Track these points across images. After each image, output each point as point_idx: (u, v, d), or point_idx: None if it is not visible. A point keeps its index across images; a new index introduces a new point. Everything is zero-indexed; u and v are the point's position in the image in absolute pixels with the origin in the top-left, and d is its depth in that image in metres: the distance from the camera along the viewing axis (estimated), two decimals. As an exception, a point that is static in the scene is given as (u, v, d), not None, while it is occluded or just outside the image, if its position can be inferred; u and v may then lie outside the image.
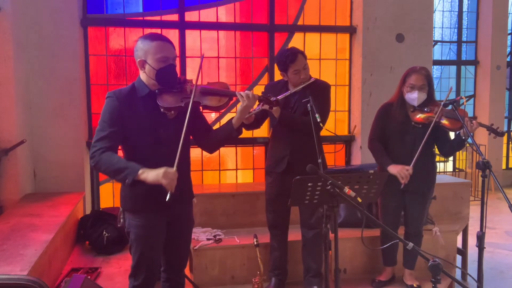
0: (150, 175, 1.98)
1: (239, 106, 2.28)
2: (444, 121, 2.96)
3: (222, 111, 2.38)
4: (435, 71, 7.88)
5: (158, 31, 4.37)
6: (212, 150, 2.48)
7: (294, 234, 3.23)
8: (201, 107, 2.27)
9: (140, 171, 1.99)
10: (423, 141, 2.93)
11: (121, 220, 2.29)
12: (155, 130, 2.17)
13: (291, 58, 2.90)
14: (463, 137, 2.92)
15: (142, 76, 2.22)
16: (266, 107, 2.60)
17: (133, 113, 2.15)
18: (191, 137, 2.35)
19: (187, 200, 2.38)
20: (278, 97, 2.65)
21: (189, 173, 2.40)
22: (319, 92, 2.98)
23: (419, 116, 3.02)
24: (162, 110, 2.16)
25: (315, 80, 3.00)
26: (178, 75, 2.22)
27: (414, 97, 2.99)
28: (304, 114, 2.88)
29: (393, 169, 3.01)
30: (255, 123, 3.07)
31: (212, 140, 2.36)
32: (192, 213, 2.45)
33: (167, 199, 1.96)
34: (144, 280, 2.24)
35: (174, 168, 2.01)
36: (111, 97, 2.15)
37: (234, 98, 2.30)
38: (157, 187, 2.05)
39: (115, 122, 2.11)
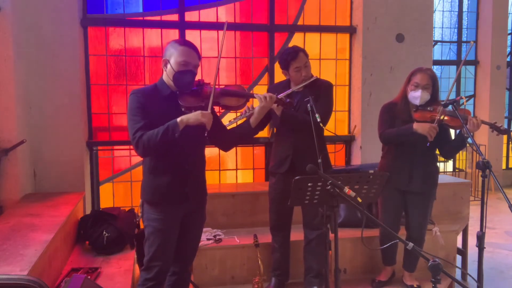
0: (190, 117, 2.17)
1: (256, 106, 2.47)
2: (446, 118, 2.96)
3: (240, 111, 2.61)
4: (435, 71, 7.88)
5: (158, 31, 4.37)
6: (228, 148, 2.63)
7: (295, 234, 3.23)
8: (220, 107, 2.43)
9: (178, 120, 2.16)
10: (428, 143, 2.92)
11: (139, 215, 2.41)
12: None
13: (292, 55, 2.92)
14: (465, 135, 2.90)
15: (164, 76, 2.35)
16: (279, 109, 2.80)
17: (155, 111, 2.26)
18: (206, 137, 2.45)
19: (202, 197, 2.50)
20: (279, 95, 2.69)
21: (205, 172, 2.55)
22: (321, 91, 2.99)
23: (422, 115, 3.01)
24: (183, 109, 2.28)
25: (316, 79, 3.00)
26: (196, 82, 2.36)
27: (417, 95, 2.99)
28: (306, 113, 2.88)
29: (421, 128, 2.89)
30: (260, 125, 3.10)
31: (228, 138, 2.49)
32: (205, 209, 2.52)
33: (206, 134, 2.20)
34: (157, 273, 2.31)
35: (209, 110, 2.20)
36: (136, 93, 2.28)
37: (251, 99, 2.47)
38: (176, 180, 2.27)
39: (145, 115, 2.23)
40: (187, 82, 2.28)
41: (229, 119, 2.78)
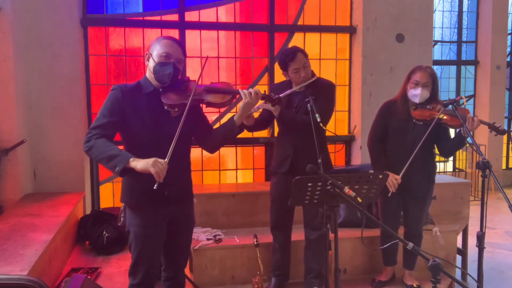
0: (140, 163, 2.00)
1: (240, 103, 2.29)
2: (445, 117, 2.96)
3: (225, 108, 2.46)
4: (435, 71, 7.89)
5: (158, 31, 4.37)
6: (213, 150, 2.49)
7: (295, 234, 3.23)
8: (204, 105, 2.30)
9: (131, 159, 2.00)
10: (423, 139, 2.92)
11: (121, 219, 2.30)
12: (158, 127, 2.19)
13: (290, 57, 2.90)
14: (464, 135, 2.91)
15: (147, 72, 2.27)
16: (268, 105, 2.66)
17: (136, 109, 2.18)
18: (192, 137, 2.36)
19: (188, 200, 2.40)
20: (279, 95, 2.65)
21: (190, 174, 2.41)
22: (322, 91, 2.97)
23: (421, 113, 3.02)
24: (166, 107, 2.19)
25: (317, 79, 2.98)
26: (179, 76, 2.24)
27: (417, 93, 2.99)
28: (307, 113, 2.86)
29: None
30: (261, 124, 3.08)
31: (213, 139, 2.37)
32: (193, 213, 2.46)
33: (154, 187, 1.98)
34: (142, 279, 2.26)
35: (166, 159, 2.03)
36: (115, 89, 2.20)
37: (238, 96, 2.32)
38: (153, 183, 2.07)
39: (115, 113, 2.15)
40: (167, 74, 2.17)
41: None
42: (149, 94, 2.22)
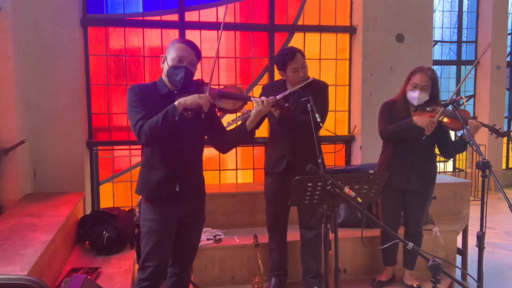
0: (188, 99, 2.19)
1: (252, 109, 2.41)
2: (445, 119, 2.96)
3: (236, 113, 2.57)
4: (436, 71, 7.89)
5: (158, 31, 4.37)
6: (226, 151, 2.61)
7: (294, 234, 3.23)
8: (216, 109, 2.41)
9: (176, 103, 2.18)
10: (423, 141, 2.92)
11: (137, 214, 2.40)
12: (173, 129, 2.24)
13: (289, 56, 2.92)
14: (466, 140, 2.90)
15: (163, 74, 2.36)
16: (277, 112, 2.75)
17: (152, 109, 2.24)
18: (205, 137, 2.47)
19: (199, 198, 2.48)
20: (277, 96, 2.66)
21: (202, 172, 2.51)
22: (318, 91, 2.99)
23: (421, 115, 3.01)
24: (180, 110, 2.25)
25: (313, 80, 3.01)
26: (195, 81, 2.35)
27: (414, 96, 2.99)
28: (303, 113, 2.88)
29: (421, 121, 2.90)
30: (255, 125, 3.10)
31: (226, 141, 2.47)
32: (204, 210, 2.52)
33: (202, 116, 2.19)
34: (151, 273, 2.31)
35: (207, 92, 2.22)
36: (133, 88, 2.30)
37: (248, 102, 2.44)
38: (167, 177, 2.26)
39: (144, 107, 2.24)
40: (179, 77, 2.25)
41: (227, 121, 2.74)
42: (164, 95, 2.31)
